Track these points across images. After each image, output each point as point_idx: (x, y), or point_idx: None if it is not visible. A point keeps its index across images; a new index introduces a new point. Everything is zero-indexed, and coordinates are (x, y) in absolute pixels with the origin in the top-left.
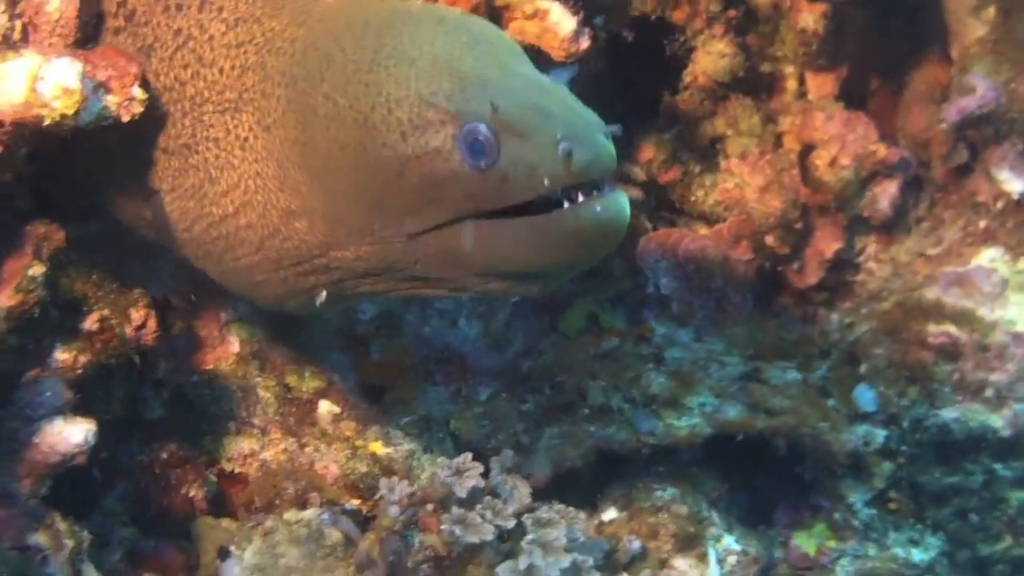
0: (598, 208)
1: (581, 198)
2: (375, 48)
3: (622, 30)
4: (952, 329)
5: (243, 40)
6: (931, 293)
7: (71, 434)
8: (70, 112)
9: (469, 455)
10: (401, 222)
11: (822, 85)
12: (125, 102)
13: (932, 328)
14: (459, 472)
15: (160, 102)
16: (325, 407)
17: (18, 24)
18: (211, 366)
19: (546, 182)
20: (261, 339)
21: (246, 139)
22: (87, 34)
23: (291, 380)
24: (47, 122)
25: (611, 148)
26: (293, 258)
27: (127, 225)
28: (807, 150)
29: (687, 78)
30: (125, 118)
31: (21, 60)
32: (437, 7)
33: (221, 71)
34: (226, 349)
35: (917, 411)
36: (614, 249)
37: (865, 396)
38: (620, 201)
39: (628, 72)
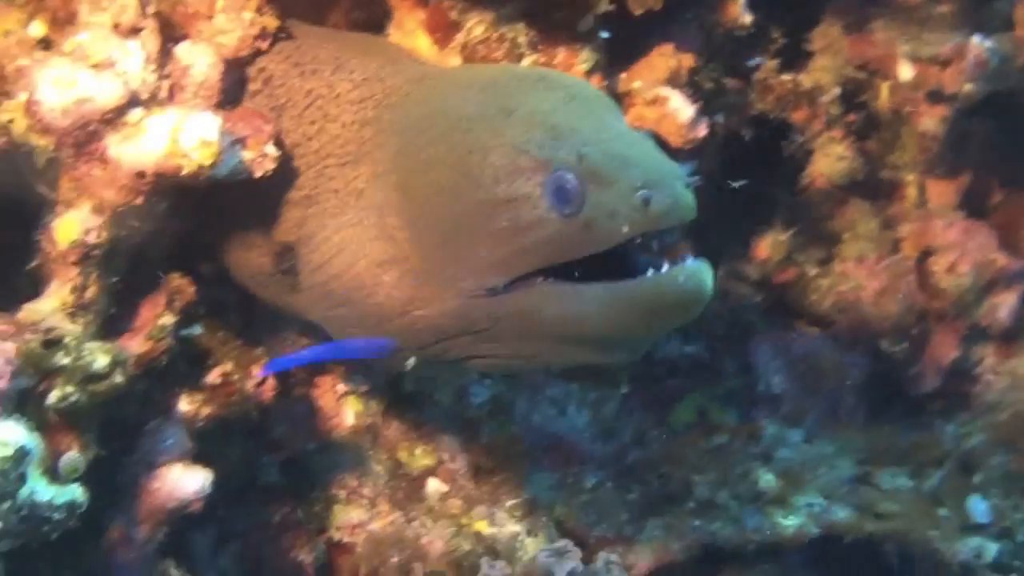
0: (681, 278)
1: (666, 266)
2: (478, 101)
3: (741, 127)
4: None
5: (365, 96)
6: None
7: (189, 481)
8: (207, 163)
9: (570, 541)
10: (485, 273)
11: (942, 194)
12: (259, 158)
13: None
14: (560, 554)
15: (288, 157)
16: (433, 485)
17: (165, 84)
18: (326, 435)
19: (625, 229)
20: (376, 414)
21: (361, 190)
22: (228, 98)
23: (402, 456)
24: (185, 171)
25: (690, 197)
26: (377, 315)
27: (248, 284)
28: (925, 256)
29: (805, 180)
30: (258, 173)
31: (166, 115)
32: (543, 70)
33: (343, 125)
34: (341, 420)
35: None
36: (692, 319)
37: (979, 507)
38: (703, 270)
39: (746, 171)
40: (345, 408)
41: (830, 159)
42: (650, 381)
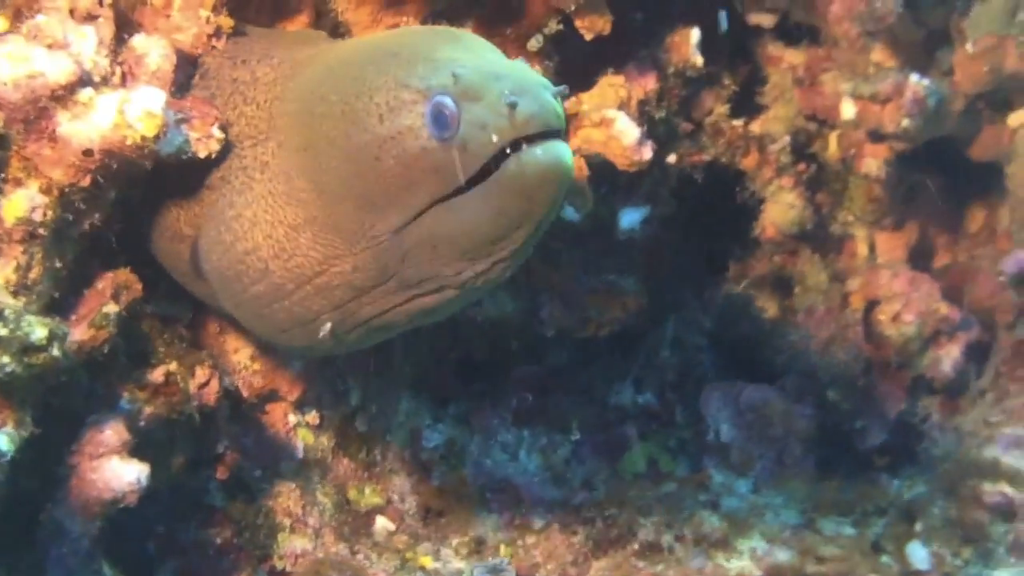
0: (539, 151)
1: (525, 147)
2: (368, 52)
3: (694, 172)
4: (1008, 489)
5: (278, 76)
6: (989, 452)
7: (125, 472)
8: (151, 134)
9: (506, 559)
10: (386, 216)
11: (892, 248)
12: (204, 138)
13: (988, 487)
14: (495, 571)
15: None
16: (381, 523)
17: (118, 71)
18: (274, 464)
19: (494, 138)
20: (326, 449)
21: (266, 162)
22: (180, 89)
23: (352, 493)
24: (129, 141)
25: (557, 105)
26: (296, 279)
27: (182, 280)
28: (871, 306)
29: (757, 229)
30: (202, 153)
31: (115, 93)
32: (437, 27)
33: (258, 106)
34: (291, 451)
35: (970, 571)
36: (562, 194)
37: (919, 554)
38: (560, 146)
39: (700, 217)
40: (295, 440)
41: (780, 207)
42: (601, 428)
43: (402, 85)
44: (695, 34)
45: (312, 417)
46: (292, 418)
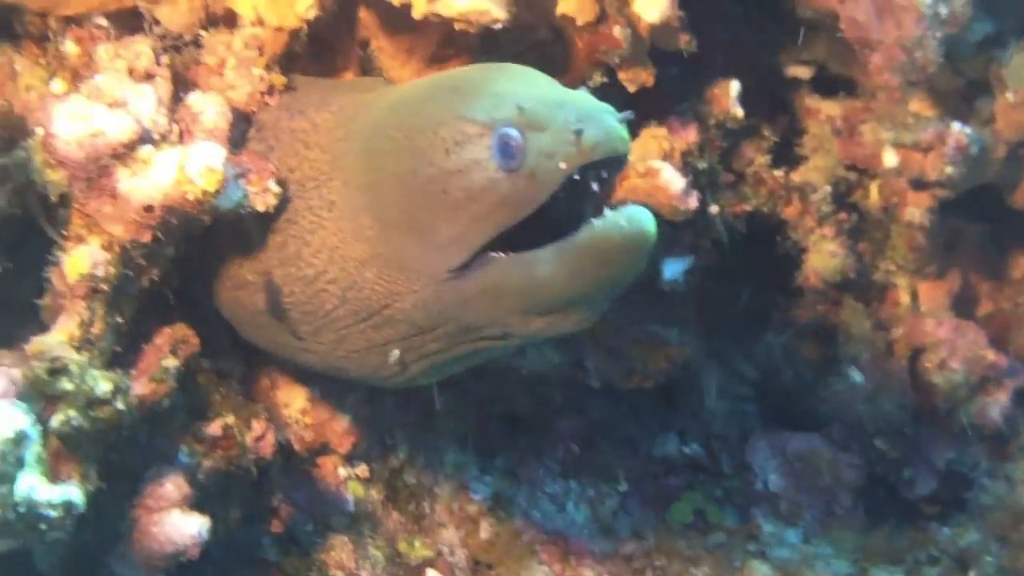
0: (622, 221)
1: (608, 213)
2: (429, 90)
3: (736, 223)
4: None
5: (340, 121)
6: None
7: (186, 526)
8: (212, 188)
9: None
10: (448, 252)
11: (934, 296)
12: (261, 192)
13: None
14: None
15: None
16: None
17: (176, 128)
18: (326, 518)
19: (562, 165)
20: (376, 502)
21: (333, 201)
22: (235, 146)
23: (402, 546)
24: (190, 196)
25: (622, 130)
26: (366, 310)
27: (246, 329)
28: (916, 354)
29: (800, 278)
30: (260, 207)
31: (175, 150)
32: (494, 63)
33: (321, 149)
34: (342, 505)
35: None
36: (642, 266)
37: None
38: (643, 214)
39: (742, 267)
40: (346, 494)
41: (822, 256)
42: (648, 479)
43: (466, 119)
44: (735, 87)
45: (362, 470)
46: (343, 471)
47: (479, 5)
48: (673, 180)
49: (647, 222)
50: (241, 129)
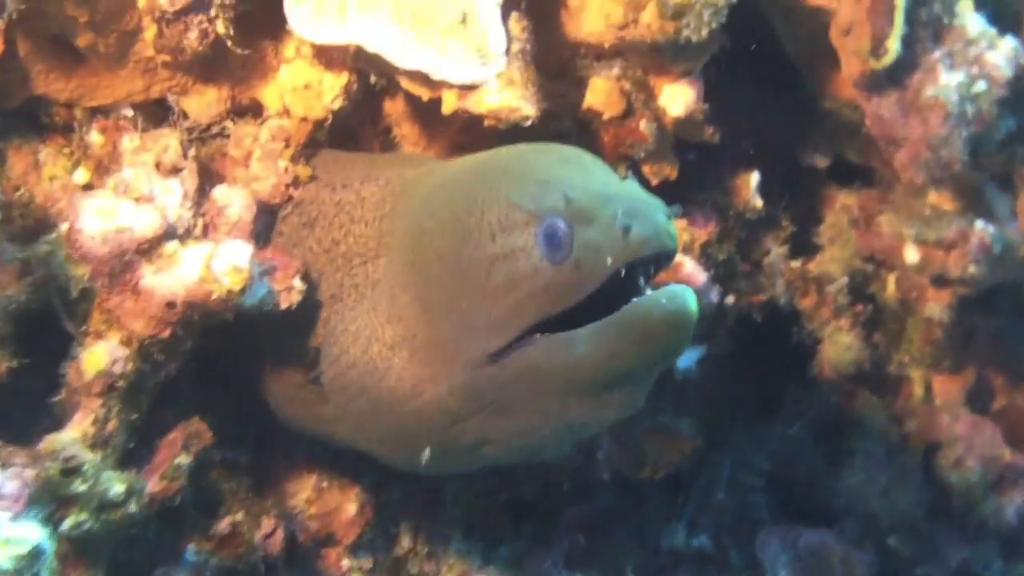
0: (663, 300)
1: (649, 291)
2: (479, 170)
3: (752, 312)
4: None
5: (386, 195)
6: None
7: None
8: (237, 288)
9: None
10: (487, 336)
11: (948, 390)
12: (286, 290)
13: None
14: None
15: (319, 265)
16: None
17: (200, 222)
18: None
19: (609, 260)
20: None
21: (377, 280)
22: (260, 239)
23: None
24: (215, 296)
25: (671, 226)
26: (389, 401)
27: (279, 401)
28: (932, 449)
29: (814, 369)
30: (284, 304)
31: (200, 246)
32: (540, 143)
33: (367, 224)
34: None
35: None
36: (685, 344)
37: None
38: (685, 293)
39: (756, 357)
40: None
41: (837, 348)
42: (655, 572)
43: (514, 205)
44: (755, 178)
45: (366, 561)
46: (346, 562)
47: (510, 103)
48: (695, 274)
49: (689, 300)
50: (265, 222)
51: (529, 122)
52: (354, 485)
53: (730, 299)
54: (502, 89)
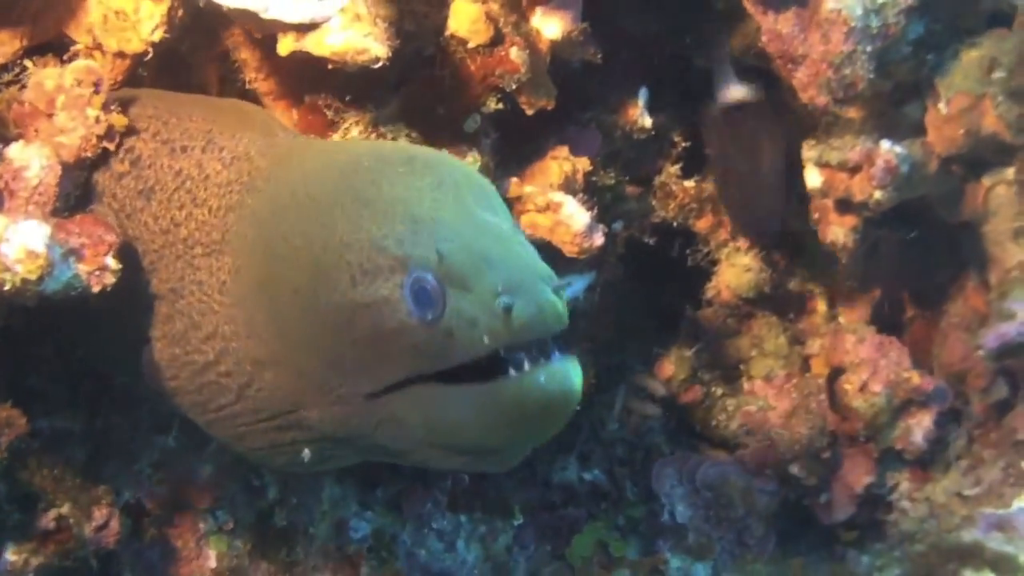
0: (542, 378)
1: (527, 365)
2: (337, 188)
3: (644, 236)
4: None
5: (232, 179)
6: (969, 535)
7: None
8: (33, 277)
9: None
10: (357, 379)
11: (853, 308)
12: (97, 272)
13: (970, 574)
14: None
15: (155, 245)
16: None
17: None
18: None
19: (486, 340)
20: (241, 553)
21: (224, 282)
22: (67, 203)
23: None
24: (7, 287)
25: (558, 305)
26: (268, 411)
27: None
28: (836, 374)
29: (710, 292)
30: (95, 288)
31: None
32: (413, 148)
33: (210, 210)
34: (202, 564)
35: None
36: (562, 425)
37: None
38: (568, 371)
39: (650, 280)
40: (207, 548)
41: (736, 270)
42: (546, 510)
43: (378, 247)
44: (643, 94)
45: (226, 522)
46: (202, 526)
47: (356, 43)
48: (576, 215)
49: (572, 379)
50: (74, 180)
51: (379, 64)
52: (207, 442)
53: (618, 225)
54: (347, 27)
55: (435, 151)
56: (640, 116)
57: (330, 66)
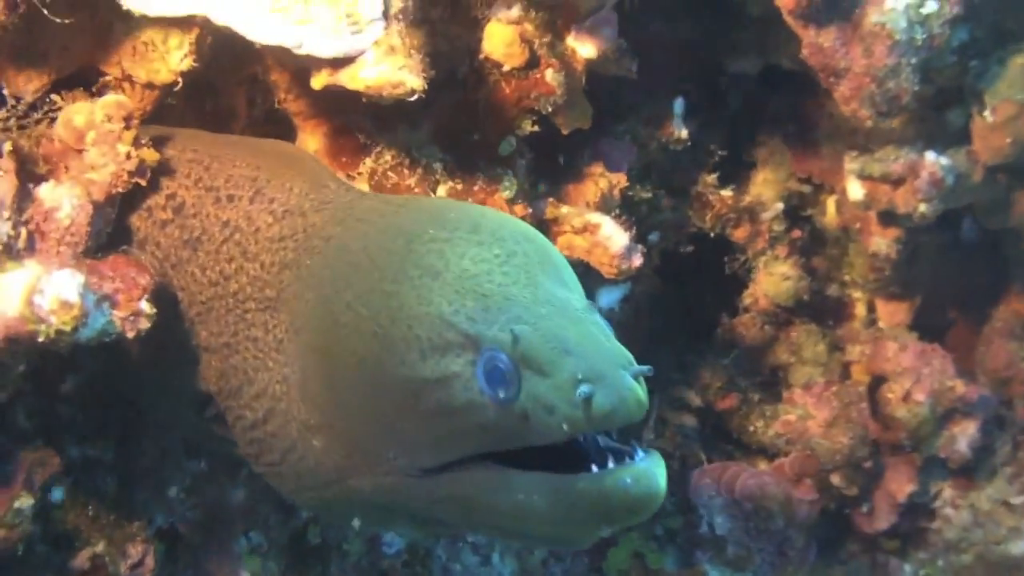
0: (628, 479)
1: (612, 463)
2: (403, 257)
3: (679, 245)
4: None
5: (286, 234)
6: (1016, 548)
7: None
8: (67, 328)
9: None
10: (417, 452)
11: (894, 313)
12: (131, 317)
13: None
14: None
15: (203, 297)
16: None
17: (23, 232)
18: None
19: (565, 427)
20: (275, 574)
21: (281, 341)
22: (99, 241)
23: None
24: (42, 339)
25: (639, 392)
26: (311, 479)
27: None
28: (877, 382)
29: (747, 300)
30: (130, 334)
31: (20, 272)
32: (478, 211)
33: (263, 266)
34: None
35: None
36: (642, 522)
37: None
38: (654, 472)
39: (685, 289)
40: (242, 571)
41: (774, 279)
42: None
43: (447, 323)
44: (679, 105)
45: (259, 543)
46: (236, 547)
47: (391, 76)
48: (615, 236)
49: (658, 480)
50: (105, 217)
51: (415, 96)
52: (240, 465)
53: (654, 236)
54: (381, 60)
55: (501, 215)
56: (676, 127)
57: (364, 100)
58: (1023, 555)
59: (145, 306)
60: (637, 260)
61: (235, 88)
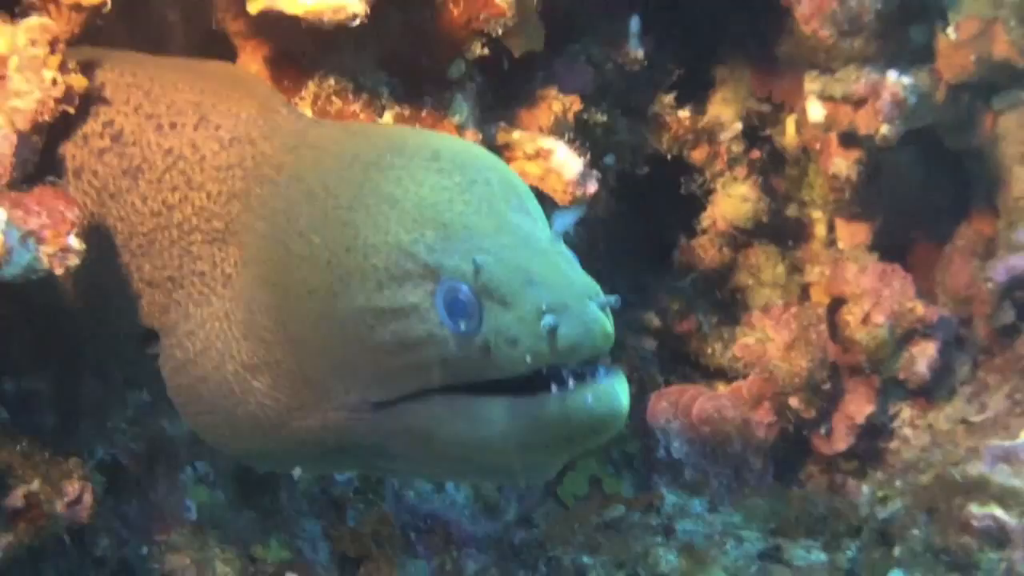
0: (589, 398)
1: (572, 382)
2: (360, 184)
3: (636, 167)
4: (999, 512)
5: (234, 163)
6: (974, 468)
7: None
8: None
9: None
10: (371, 386)
11: (854, 234)
12: (59, 253)
13: (976, 509)
14: None
15: (146, 229)
16: None
17: None
18: (164, 536)
19: (528, 359)
20: (223, 504)
21: (229, 276)
22: (24, 172)
23: (256, 551)
24: None
25: (606, 324)
26: (250, 426)
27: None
28: (837, 304)
29: (705, 222)
30: (59, 271)
31: None
32: (437, 138)
33: (209, 196)
34: (182, 516)
35: None
36: (605, 442)
37: None
38: (617, 391)
39: (643, 211)
40: (187, 500)
41: (733, 200)
42: None
43: (406, 252)
44: (634, 23)
45: (205, 472)
46: (181, 477)
47: (333, 1)
48: (568, 163)
49: (620, 400)
50: (31, 148)
51: (357, 21)
52: None
53: (610, 158)
54: None
55: (462, 142)
56: (632, 48)
57: (304, 25)
58: (980, 476)
59: (74, 242)
60: (591, 187)
61: (171, 5)
